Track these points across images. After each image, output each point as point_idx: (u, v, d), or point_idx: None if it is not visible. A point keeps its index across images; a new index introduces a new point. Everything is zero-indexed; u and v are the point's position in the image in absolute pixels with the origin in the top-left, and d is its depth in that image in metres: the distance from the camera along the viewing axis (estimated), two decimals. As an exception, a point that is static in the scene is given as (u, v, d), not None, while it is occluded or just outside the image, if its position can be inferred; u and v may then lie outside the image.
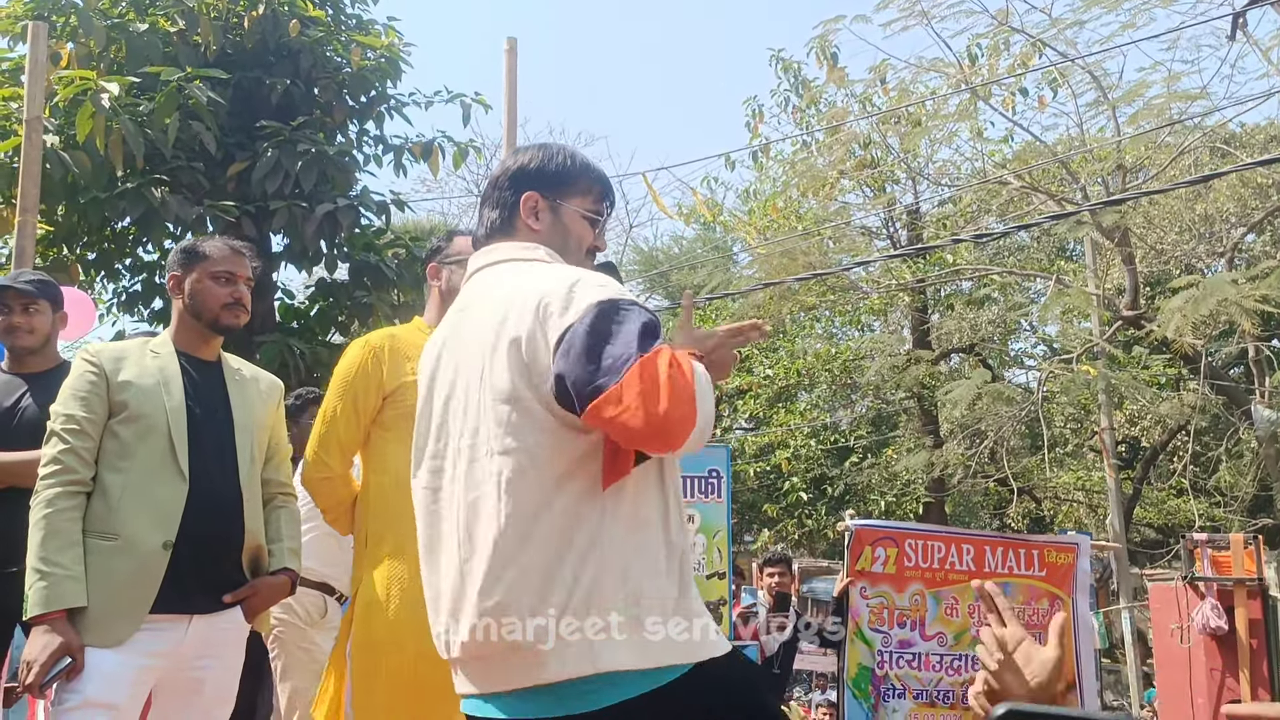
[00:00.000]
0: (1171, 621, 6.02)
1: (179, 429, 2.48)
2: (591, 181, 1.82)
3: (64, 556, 2.30)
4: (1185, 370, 11.77)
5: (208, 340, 2.66)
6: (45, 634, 2.24)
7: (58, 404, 2.48)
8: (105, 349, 2.57)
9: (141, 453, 2.44)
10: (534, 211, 1.77)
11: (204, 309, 2.60)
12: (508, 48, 4.86)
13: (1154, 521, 17.07)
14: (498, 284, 1.69)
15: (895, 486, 15.45)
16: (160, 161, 6.48)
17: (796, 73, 12.23)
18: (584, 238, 1.81)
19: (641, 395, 1.41)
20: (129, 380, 2.49)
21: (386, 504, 2.50)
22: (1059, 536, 6.87)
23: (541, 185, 1.78)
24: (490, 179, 1.86)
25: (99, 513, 2.39)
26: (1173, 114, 9.14)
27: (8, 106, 6.10)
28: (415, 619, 2.38)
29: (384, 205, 7.65)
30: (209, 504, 2.48)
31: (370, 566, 2.46)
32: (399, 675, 2.36)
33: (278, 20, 6.96)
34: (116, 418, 2.46)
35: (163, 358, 2.57)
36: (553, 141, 1.93)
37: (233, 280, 2.62)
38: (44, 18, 6.51)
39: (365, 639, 2.40)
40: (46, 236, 6.65)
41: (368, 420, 2.54)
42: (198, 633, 2.45)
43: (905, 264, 13.52)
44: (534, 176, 1.78)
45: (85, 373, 2.49)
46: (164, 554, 2.39)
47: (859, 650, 5.62)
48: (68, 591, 2.28)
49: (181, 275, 2.63)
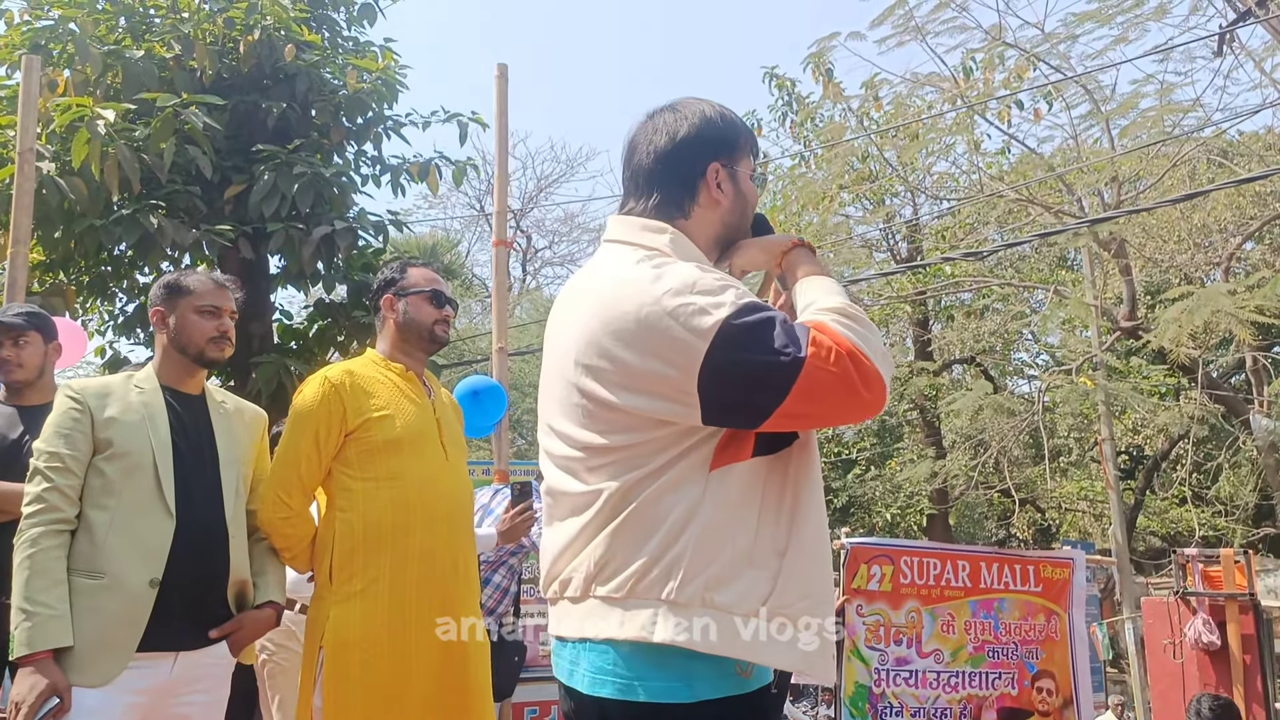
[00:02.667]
0: (1165, 636, 6.02)
1: (165, 466, 2.47)
2: (750, 139, 1.70)
3: (49, 595, 2.29)
4: (1185, 380, 11.76)
5: (192, 373, 2.65)
6: (31, 675, 2.24)
7: (40, 441, 2.47)
8: (89, 385, 2.55)
9: (127, 490, 2.43)
10: (719, 180, 1.64)
11: (189, 343, 2.60)
12: (498, 74, 4.90)
13: (1158, 530, 17.02)
14: (595, 273, 1.62)
15: (899, 498, 15.43)
16: (156, 186, 6.52)
17: (791, 89, 12.29)
18: (754, 202, 1.71)
19: (830, 392, 1.42)
20: (113, 417, 2.48)
21: (354, 542, 2.51)
22: (1054, 552, 6.86)
23: (721, 152, 1.64)
24: (653, 156, 1.65)
25: (84, 551, 2.37)
26: (1167, 126, 9.16)
27: (4, 134, 6.15)
28: (390, 663, 2.44)
29: (381, 225, 7.69)
30: (195, 541, 2.47)
31: (338, 603, 2.49)
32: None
33: (274, 45, 7.00)
34: (101, 455, 2.45)
35: (147, 393, 2.56)
36: (691, 99, 1.69)
37: (218, 314, 2.63)
38: (41, 45, 6.58)
39: (338, 681, 2.44)
40: (42, 263, 6.69)
41: (329, 458, 2.55)
42: (183, 668, 2.45)
43: (905, 275, 13.56)
44: (711, 144, 1.64)
45: (69, 409, 2.47)
46: (151, 592, 2.38)
47: (856, 668, 5.62)
48: (52, 631, 2.27)
49: (165, 310, 2.62)
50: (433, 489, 2.59)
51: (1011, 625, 5.89)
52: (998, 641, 5.84)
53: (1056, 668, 5.88)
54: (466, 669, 2.57)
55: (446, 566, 2.57)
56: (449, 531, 2.60)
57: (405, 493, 2.55)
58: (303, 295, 8.55)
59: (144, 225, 6.21)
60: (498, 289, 5.12)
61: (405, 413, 2.61)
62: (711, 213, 1.65)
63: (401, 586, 2.50)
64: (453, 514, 2.63)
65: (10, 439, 3.04)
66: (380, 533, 2.53)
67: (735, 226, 1.67)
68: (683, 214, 1.64)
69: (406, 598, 2.50)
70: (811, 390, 1.42)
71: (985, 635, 5.83)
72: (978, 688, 5.77)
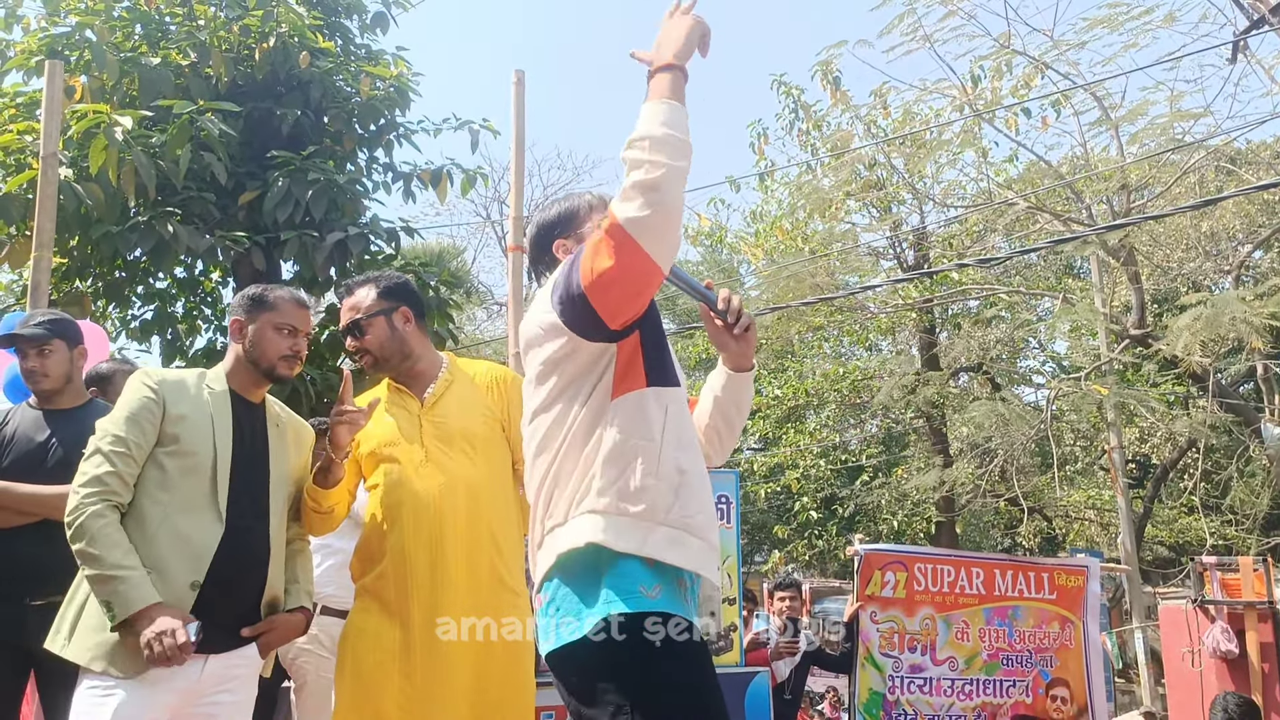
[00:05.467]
0: (1182, 644, 5.99)
1: (223, 470, 2.48)
2: (590, 208, 2.19)
3: (130, 559, 2.30)
4: (1194, 389, 11.74)
5: (259, 384, 2.66)
6: (151, 621, 2.25)
7: (108, 421, 2.45)
8: (166, 376, 2.56)
9: (183, 487, 2.43)
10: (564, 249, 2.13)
11: (263, 357, 2.61)
12: (515, 80, 4.92)
13: (1166, 540, 16.97)
14: None
15: (906, 506, 15.40)
16: (172, 192, 6.54)
17: (798, 97, 12.32)
18: None
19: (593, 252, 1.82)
20: (184, 413, 2.48)
21: (360, 549, 2.76)
22: (1069, 559, 6.85)
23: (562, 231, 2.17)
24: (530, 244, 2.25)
25: (134, 540, 2.37)
26: (1176, 133, 9.17)
27: (23, 140, 6.17)
28: (376, 663, 2.59)
29: (394, 232, 7.70)
30: (240, 550, 2.48)
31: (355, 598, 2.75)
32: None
33: (288, 52, 7.03)
34: (165, 448, 2.45)
35: (217, 395, 2.57)
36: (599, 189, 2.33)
37: (295, 334, 2.64)
38: (58, 53, 6.60)
39: (338, 681, 2.67)
40: (60, 269, 6.71)
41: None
42: (213, 669, 2.45)
43: (912, 283, 13.56)
44: (554, 226, 2.18)
45: (144, 396, 2.47)
46: (191, 594, 2.38)
47: (870, 675, 5.61)
48: (147, 589, 2.29)
49: (245, 320, 2.63)
50: (406, 490, 2.66)
51: (1026, 633, 5.87)
52: (1012, 649, 5.82)
53: (1071, 676, 5.86)
54: (453, 670, 2.55)
55: (423, 565, 2.60)
56: (430, 529, 2.62)
57: (385, 497, 2.69)
58: (315, 301, 8.57)
59: (159, 232, 6.23)
60: (514, 294, 5.13)
61: (377, 424, 2.74)
62: None
63: (382, 588, 2.63)
64: (438, 511, 2.63)
65: (36, 442, 3.04)
66: (369, 537, 2.71)
67: None
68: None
69: (387, 599, 2.62)
70: (603, 295, 1.82)
71: (1000, 643, 5.81)
72: (992, 695, 5.75)
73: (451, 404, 2.79)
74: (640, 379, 1.91)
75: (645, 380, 1.91)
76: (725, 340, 2.17)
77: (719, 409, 2.23)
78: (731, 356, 2.20)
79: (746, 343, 2.17)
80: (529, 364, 2.03)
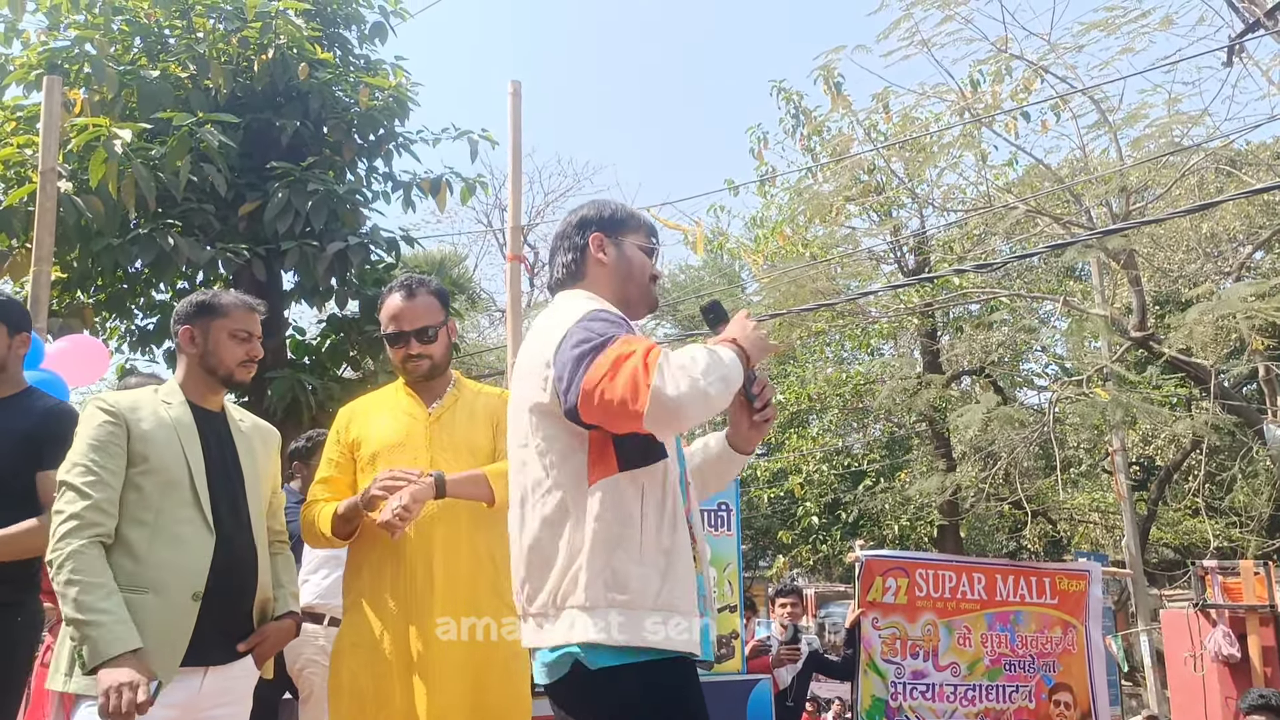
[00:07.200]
0: (1184, 648, 5.98)
1: (201, 481, 2.48)
2: (641, 222, 2.22)
3: (108, 603, 2.26)
4: (1196, 390, 11.72)
5: (215, 391, 2.65)
6: (117, 671, 2.18)
7: (73, 453, 2.43)
8: (120, 398, 2.54)
9: (166, 505, 2.42)
10: (601, 247, 2.14)
11: (220, 365, 2.60)
12: (512, 90, 4.93)
13: (1171, 542, 16.93)
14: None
15: (909, 510, 15.38)
16: (172, 204, 6.57)
17: (798, 102, 12.33)
18: (645, 266, 2.18)
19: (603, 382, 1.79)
20: (148, 431, 2.46)
21: (351, 556, 2.78)
22: (1070, 564, 6.83)
23: (603, 227, 2.16)
24: (555, 234, 2.22)
25: (124, 567, 2.35)
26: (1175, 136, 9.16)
27: (22, 154, 6.20)
28: (370, 670, 2.60)
29: (394, 242, 7.73)
30: (232, 556, 2.49)
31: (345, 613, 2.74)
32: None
33: (287, 63, 7.06)
34: (136, 468, 2.43)
35: (175, 408, 2.56)
36: (600, 196, 2.32)
37: (250, 339, 2.63)
38: (58, 66, 6.64)
39: (334, 690, 2.69)
40: (60, 282, 6.74)
41: (343, 470, 2.85)
42: (212, 683, 2.45)
43: (913, 287, 13.54)
44: (595, 222, 2.16)
45: (104, 422, 2.44)
46: (194, 605, 2.39)
47: (872, 682, 5.60)
48: (121, 635, 2.23)
49: (194, 329, 2.60)
50: None
51: (1028, 638, 5.86)
52: (1014, 654, 5.81)
53: (1074, 680, 5.85)
54: (453, 677, 2.55)
55: (422, 573, 2.61)
56: (430, 537, 2.63)
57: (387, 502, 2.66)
58: (315, 310, 8.59)
59: (160, 244, 6.26)
60: (512, 303, 5.14)
61: (384, 426, 2.76)
62: (600, 271, 2.16)
63: (380, 596, 2.64)
64: (439, 520, 2.63)
65: None
66: (369, 543, 2.70)
67: (623, 280, 2.16)
68: (577, 279, 2.16)
69: (381, 605, 2.63)
70: (588, 406, 1.80)
71: (1002, 648, 5.80)
72: (995, 701, 5.74)
73: (460, 416, 2.81)
74: (612, 465, 1.89)
75: (617, 466, 1.89)
76: (741, 420, 2.19)
77: (701, 473, 2.23)
78: (739, 435, 2.21)
79: (759, 431, 2.20)
80: (523, 386, 2.01)
